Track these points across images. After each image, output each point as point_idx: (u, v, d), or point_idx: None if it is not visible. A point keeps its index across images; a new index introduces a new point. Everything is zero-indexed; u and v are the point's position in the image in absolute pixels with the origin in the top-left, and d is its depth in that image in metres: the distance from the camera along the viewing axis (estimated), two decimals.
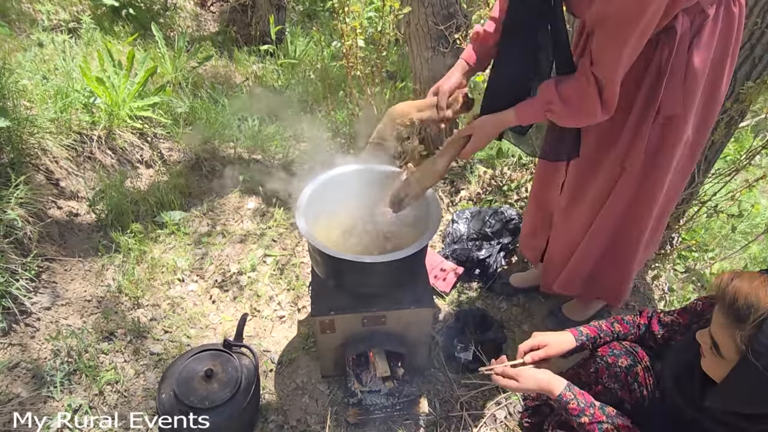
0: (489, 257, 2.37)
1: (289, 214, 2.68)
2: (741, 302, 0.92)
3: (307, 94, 3.65)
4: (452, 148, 1.49)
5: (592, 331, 1.46)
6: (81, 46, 3.07)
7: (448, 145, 1.50)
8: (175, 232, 2.49)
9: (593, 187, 1.63)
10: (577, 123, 1.35)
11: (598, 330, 1.47)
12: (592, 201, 1.66)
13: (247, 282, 2.33)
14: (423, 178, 1.52)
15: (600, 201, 1.64)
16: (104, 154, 2.49)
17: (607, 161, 1.56)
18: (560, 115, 1.32)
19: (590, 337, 1.45)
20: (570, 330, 1.46)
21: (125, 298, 2.16)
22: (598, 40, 1.19)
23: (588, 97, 1.25)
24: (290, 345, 2.10)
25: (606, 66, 1.19)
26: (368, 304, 1.69)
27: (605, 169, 1.57)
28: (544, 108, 1.33)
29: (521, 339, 2.13)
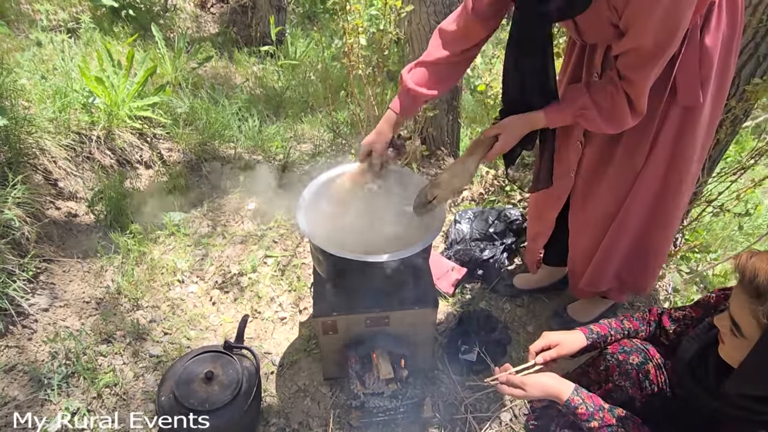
0: (492, 258, 2.34)
1: (289, 215, 2.66)
2: (761, 278, 0.93)
3: (308, 94, 3.64)
4: (481, 148, 1.46)
5: (603, 329, 1.44)
6: (80, 46, 3.05)
7: (475, 145, 1.47)
8: (175, 233, 2.47)
9: (611, 184, 1.62)
10: (609, 128, 1.37)
11: (609, 328, 1.44)
12: (612, 197, 1.64)
13: (248, 283, 2.30)
14: (453, 179, 1.48)
15: (621, 196, 1.62)
16: (103, 154, 2.47)
17: (620, 156, 1.55)
18: (593, 121, 1.35)
19: (601, 335, 1.43)
20: (580, 328, 1.44)
21: (124, 300, 2.13)
22: (627, 63, 1.24)
23: (619, 106, 1.29)
24: (292, 347, 2.07)
25: (636, 86, 1.25)
26: (371, 304, 1.66)
27: (620, 164, 1.56)
28: (576, 113, 1.37)
29: (526, 340, 2.11)
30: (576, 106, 1.36)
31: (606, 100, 1.31)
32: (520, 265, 2.42)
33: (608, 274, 1.83)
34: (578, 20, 1.31)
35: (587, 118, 1.36)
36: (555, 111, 1.39)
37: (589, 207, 1.73)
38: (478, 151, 1.47)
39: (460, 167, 1.49)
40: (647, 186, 1.57)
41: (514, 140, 1.44)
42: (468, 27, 1.43)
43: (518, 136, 1.44)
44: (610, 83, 1.30)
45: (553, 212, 1.85)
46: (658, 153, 1.49)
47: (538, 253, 2.07)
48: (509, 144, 1.44)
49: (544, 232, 1.95)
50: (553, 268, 2.20)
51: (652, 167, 1.52)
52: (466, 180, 1.51)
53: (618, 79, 1.28)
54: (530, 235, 2.08)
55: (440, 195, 1.50)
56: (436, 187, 1.50)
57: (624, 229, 1.69)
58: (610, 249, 1.75)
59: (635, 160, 1.53)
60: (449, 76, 1.54)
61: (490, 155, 1.46)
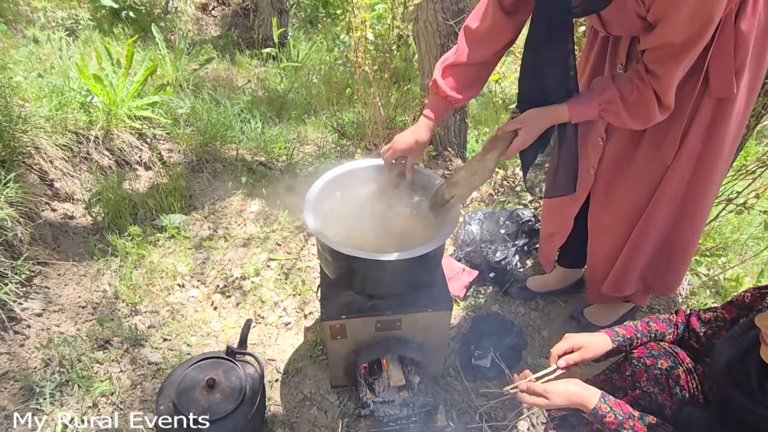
0: (504, 260, 2.26)
1: (293, 216, 2.58)
2: None
3: (311, 96, 3.58)
4: (500, 144, 1.38)
5: (628, 331, 1.35)
6: (79, 45, 2.98)
7: (493, 141, 1.40)
8: (175, 235, 2.39)
9: (636, 180, 1.54)
10: (634, 124, 1.31)
11: (634, 330, 1.36)
12: (637, 195, 1.56)
13: (251, 287, 2.22)
14: (472, 177, 1.40)
15: (647, 193, 1.54)
16: (101, 154, 2.39)
17: (646, 151, 1.47)
18: (618, 116, 1.29)
19: (627, 337, 1.34)
20: (604, 330, 1.35)
21: (122, 305, 2.05)
22: (655, 57, 1.17)
23: (646, 100, 1.24)
24: (297, 353, 1.98)
25: (664, 81, 1.19)
26: (382, 306, 1.58)
27: (647, 159, 1.48)
28: (601, 107, 1.30)
29: (541, 345, 2.02)
30: (602, 99, 1.29)
31: (632, 94, 1.25)
32: (533, 267, 2.33)
33: (633, 276, 1.74)
34: (602, 12, 1.24)
35: (612, 112, 1.30)
36: (579, 104, 1.32)
37: (611, 206, 1.65)
38: (497, 147, 1.40)
39: (478, 164, 1.41)
40: (676, 181, 1.49)
41: (534, 135, 1.37)
42: (495, 23, 1.37)
43: (539, 130, 1.36)
44: (637, 77, 1.23)
45: (571, 211, 1.77)
46: (688, 147, 1.41)
47: (553, 254, 1.99)
48: (530, 139, 1.37)
49: (561, 232, 1.86)
50: (568, 270, 2.12)
51: (683, 162, 1.44)
52: (485, 177, 1.43)
53: (645, 73, 1.21)
54: (545, 235, 2.00)
55: (458, 194, 1.42)
56: (453, 185, 1.42)
57: (650, 229, 1.61)
58: (636, 250, 1.67)
59: (664, 154, 1.45)
60: (479, 78, 1.50)
61: (510, 151, 1.38)
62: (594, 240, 1.79)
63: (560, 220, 1.85)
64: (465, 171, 1.43)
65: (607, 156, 1.58)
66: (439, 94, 1.47)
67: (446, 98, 1.47)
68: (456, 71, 1.45)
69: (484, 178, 1.43)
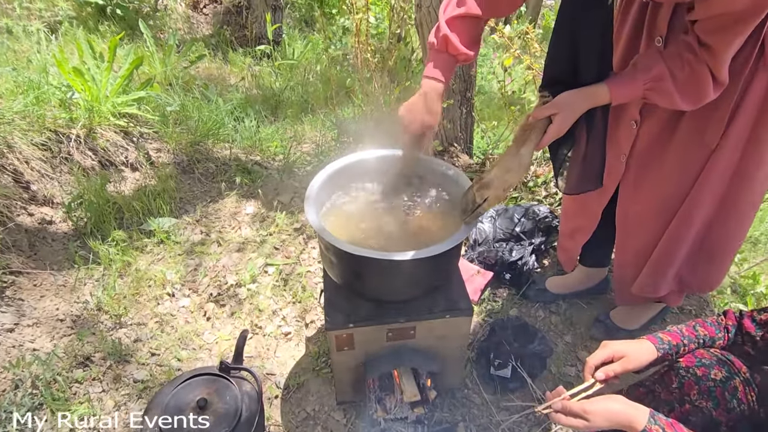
0: (521, 260, 2.09)
1: (292, 218, 2.41)
2: None
3: (308, 94, 3.42)
4: (534, 134, 1.21)
5: (674, 337, 1.18)
6: (59, 39, 2.81)
7: (525, 131, 1.23)
8: (165, 240, 2.21)
9: (674, 168, 1.38)
10: (685, 103, 1.15)
11: (680, 336, 1.18)
12: (675, 184, 1.40)
13: (247, 295, 2.04)
14: (506, 175, 1.22)
15: (687, 182, 1.38)
16: (83, 155, 2.22)
17: (687, 134, 1.31)
18: (667, 95, 1.13)
19: (672, 344, 1.17)
20: (647, 337, 1.18)
21: (105, 317, 1.87)
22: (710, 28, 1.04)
23: (699, 76, 1.09)
24: (298, 366, 1.80)
25: (719, 54, 1.06)
26: (394, 313, 1.40)
27: (687, 143, 1.32)
28: (647, 85, 1.14)
29: (565, 352, 1.85)
30: (648, 76, 1.13)
31: (682, 70, 1.09)
32: (552, 267, 2.16)
33: (668, 275, 1.57)
34: None
35: (661, 91, 1.14)
36: (621, 83, 1.16)
37: (643, 197, 1.48)
38: (531, 138, 1.22)
39: (512, 160, 1.23)
40: (722, 167, 1.32)
41: (571, 121, 1.20)
42: None
43: (577, 114, 1.20)
44: (688, 50, 1.08)
45: (598, 204, 1.60)
46: (737, 127, 1.25)
47: (576, 252, 1.82)
48: (566, 126, 1.20)
49: (586, 228, 1.70)
50: (591, 269, 1.95)
51: (730, 144, 1.28)
52: (521, 174, 1.25)
53: (698, 46, 1.06)
54: (566, 231, 1.84)
55: (492, 196, 1.23)
56: (485, 187, 1.24)
57: (690, 222, 1.44)
58: (672, 246, 1.50)
59: (708, 137, 1.29)
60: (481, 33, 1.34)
61: (544, 141, 1.21)
62: (623, 235, 1.62)
63: (585, 214, 1.68)
64: (497, 169, 1.25)
65: (640, 141, 1.41)
66: (448, 51, 1.27)
67: (457, 55, 1.28)
68: (466, 24, 1.26)
69: (520, 176, 1.26)
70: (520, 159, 1.23)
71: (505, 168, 1.24)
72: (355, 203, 1.49)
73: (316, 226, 1.27)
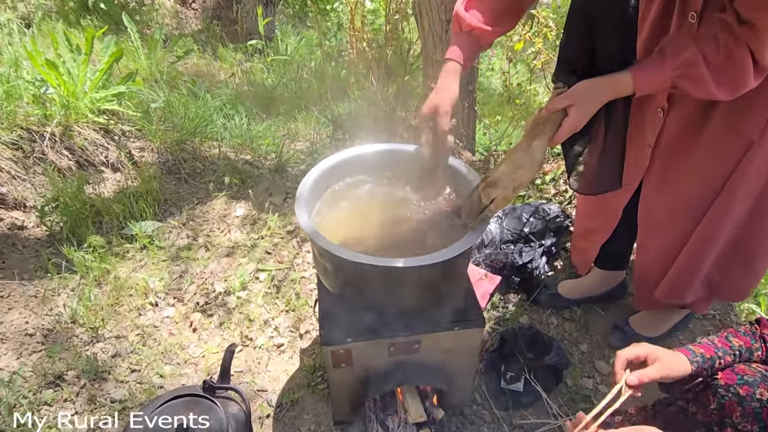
0: (530, 262, 1.94)
1: (285, 220, 2.26)
2: None
3: (301, 91, 3.27)
4: (548, 127, 1.07)
5: (707, 349, 1.04)
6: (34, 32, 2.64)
7: (537, 125, 1.09)
8: (148, 246, 2.05)
9: (706, 161, 1.24)
10: (722, 92, 1.01)
11: (714, 348, 1.04)
12: (707, 179, 1.26)
13: (236, 303, 1.89)
14: (516, 173, 1.08)
15: (720, 177, 1.24)
16: (59, 154, 2.06)
17: (721, 123, 1.17)
18: (700, 83, 0.99)
19: (706, 358, 1.02)
20: (679, 349, 1.03)
21: (80, 330, 1.71)
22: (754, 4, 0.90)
23: (738, 60, 0.96)
24: (292, 381, 1.65)
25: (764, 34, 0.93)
26: (397, 326, 1.25)
27: (722, 133, 1.18)
28: (676, 72, 0.99)
29: (581, 362, 1.71)
30: (677, 61, 0.99)
31: (718, 53, 0.96)
32: (564, 271, 2.02)
33: (696, 279, 1.43)
34: None
35: (693, 79, 0.99)
36: (646, 71, 1.02)
37: (669, 194, 1.34)
38: (545, 132, 1.08)
39: (523, 155, 1.09)
40: (760, 162, 1.18)
41: (590, 113, 1.06)
42: None
43: (596, 107, 1.06)
44: (724, 30, 0.94)
45: (620, 201, 1.46)
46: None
47: (593, 253, 1.68)
48: (584, 118, 1.06)
49: (605, 227, 1.56)
50: (607, 273, 1.81)
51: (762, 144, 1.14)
52: (533, 172, 1.11)
53: (737, 24, 0.92)
54: (581, 232, 1.70)
55: (500, 196, 1.10)
56: (492, 185, 1.10)
57: (722, 222, 1.30)
58: (702, 248, 1.36)
59: (746, 127, 1.15)
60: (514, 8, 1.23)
61: (559, 135, 1.07)
62: (645, 234, 1.48)
63: (603, 212, 1.54)
64: (506, 165, 1.11)
65: (668, 130, 1.27)
66: (462, 28, 1.19)
67: (472, 31, 1.18)
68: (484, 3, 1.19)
69: (532, 173, 1.11)
70: (532, 154, 1.08)
71: (515, 164, 1.09)
72: (352, 203, 1.35)
73: (308, 228, 1.12)
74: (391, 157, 1.33)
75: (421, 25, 2.37)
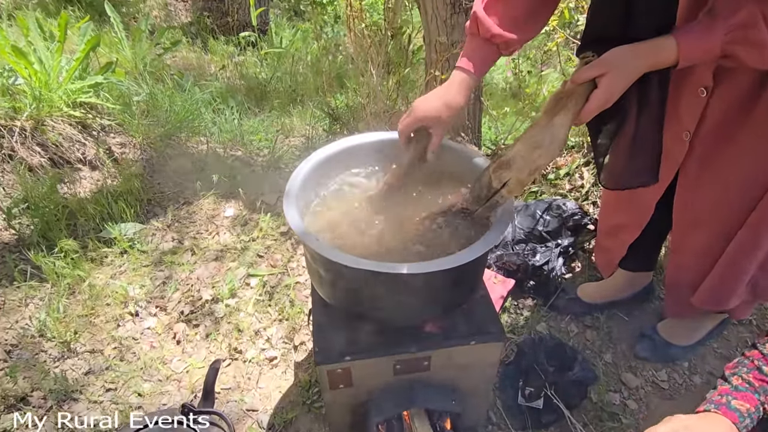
0: (546, 264, 1.77)
1: (278, 221, 2.09)
2: None
3: (296, 84, 3.10)
4: (572, 101, 0.89)
5: (749, 399, 0.83)
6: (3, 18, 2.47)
7: (560, 99, 0.91)
8: (128, 250, 1.88)
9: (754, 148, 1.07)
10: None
11: (753, 391, 0.85)
12: (756, 169, 1.09)
13: (225, 312, 1.73)
14: (533, 153, 0.91)
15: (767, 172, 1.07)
16: (30, 151, 1.89)
17: None
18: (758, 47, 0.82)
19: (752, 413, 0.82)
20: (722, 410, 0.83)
21: (49, 345, 1.54)
22: None
23: None
24: (285, 399, 1.49)
25: None
26: (403, 341, 1.09)
27: None
28: (729, 36, 0.82)
29: (605, 374, 1.54)
30: (731, 23, 0.81)
31: None
32: (582, 273, 1.85)
33: (742, 284, 1.26)
34: None
35: (750, 43, 0.82)
36: (695, 33, 0.84)
37: (711, 186, 1.17)
38: (568, 107, 0.90)
39: (542, 133, 0.91)
40: None
41: (623, 85, 0.88)
42: None
43: (631, 77, 0.87)
44: None
45: (653, 195, 1.29)
46: None
47: (620, 253, 1.50)
48: (617, 91, 0.88)
49: (635, 224, 1.39)
50: (633, 274, 1.64)
51: None
52: (554, 152, 0.91)
53: None
54: (607, 229, 1.53)
55: (514, 180, 0.92)
56: (505, 166, 0.92)
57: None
58: (749, 248, 1.19)
59: None
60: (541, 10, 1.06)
61: (586, 111, 0.89)
62: (682, 232, 1.31)
63: (634, 207, 1.37)
64: (522, 144, 0.93)
65: (711, 113, 1.09)
66: (480, 33, 1.02)
67: (491, 39, 1.02)
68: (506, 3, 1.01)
69: (553, 154, 0.92)
70: (553, 132, 0.90)
71: (533, 143, 0.91)
72: (351, 200, 1.17)
73: (298, 229, 0.95)
74: (395, 147, 1.15)
75: (423, 8, 2.20)
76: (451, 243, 1.03)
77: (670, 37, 0.85)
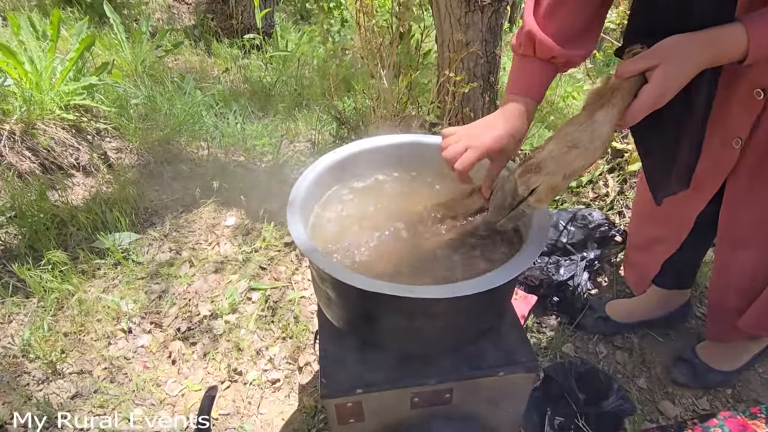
0: (572, 279, 1.64)
1: (282, 231, 1.97)
2: None
3: (302, 87, 3.00)
4: (617, 97, 0.75)
5: None
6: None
7: (602, 95, 0.77)
8: (122, 261, 1.77)
9: None
10: None
11: None
12: None
13: (224, 329, 1.60)
14: (569, 154, 0.76)
15: None
16: (20, 156, 1.78)
17: None
18: None
19: None
20: None
21: (33, 365, 1.42)
22: None
23: None
24: (289, 427, 1.37)
25: None
26: (422, 370, 0.95)
27: None
28: None
29: (641, 402, 1.40)
30: None
31: None
32: (610, 288, 1.71)
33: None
34: None
35: None
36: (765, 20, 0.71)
37: (760, 199, 1.04)
38: (613, 102, 0.75)
39: (580, 131, 0.76)
40: None
41: (682, 79, 0.73)
42: None
43: (690, 71, 0.72)
44: None
45: (695, 206, 1.15)
46: None
47: (654, 269, 1.37)
48: (673, 86, 0.73)
49: (674, 237, 1.25)
50: (668, 292, 1.50)
51: None
52: (593, 155, 0.76)
53: None
54: (639, 242, 1.39)
55: (545, 185, 0.78)
56: (534, 170, 0.78)
57: None
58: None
59: None
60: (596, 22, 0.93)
61: (636, 108, 0.75)
62: (727, 251, 1.17)
63: (672, 219, 1.23)
64: (555, 143, 0.79)
65: (767, 120, 0.96)
66: (536, 54, 0.89)
67: (553, 59, 0.89)
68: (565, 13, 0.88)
69: (594, 155, 0.78)
70: (594, 130, 0.75)
71: (568, 141, 0.76)
72: (363, 211, 1.05)
73: (304, 245, 0.83)
74: (413, 151, 1.03)
75: (436, 6, 2.09)
76: (478, 262, 0.90)
77: (738, 24, 0.72)
